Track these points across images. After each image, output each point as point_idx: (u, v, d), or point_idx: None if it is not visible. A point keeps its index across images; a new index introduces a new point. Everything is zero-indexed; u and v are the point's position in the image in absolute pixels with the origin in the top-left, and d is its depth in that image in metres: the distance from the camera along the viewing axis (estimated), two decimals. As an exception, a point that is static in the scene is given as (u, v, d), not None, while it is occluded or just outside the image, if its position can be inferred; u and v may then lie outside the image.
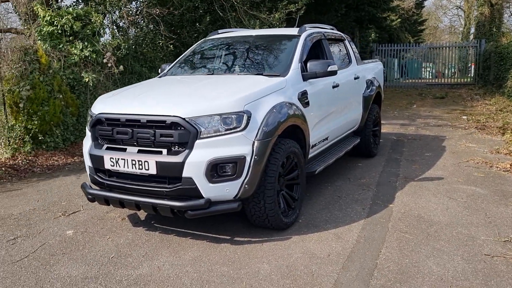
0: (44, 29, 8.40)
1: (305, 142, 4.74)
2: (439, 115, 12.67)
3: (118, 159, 3.95)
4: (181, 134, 3.75)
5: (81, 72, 8.58)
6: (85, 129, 8.85)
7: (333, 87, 5.61)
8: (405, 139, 9.04)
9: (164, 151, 3.82)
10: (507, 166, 6.47)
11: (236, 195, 3.84)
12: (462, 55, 24.05)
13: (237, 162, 3.77)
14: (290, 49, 5.09)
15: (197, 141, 3.74)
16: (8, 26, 13.29)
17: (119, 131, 4.01)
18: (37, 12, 8.56)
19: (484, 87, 19.44)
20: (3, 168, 6.92)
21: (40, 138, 7.74)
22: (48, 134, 7.94)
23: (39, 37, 8.44)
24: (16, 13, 12.26)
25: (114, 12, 9.86)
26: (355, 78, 6.45)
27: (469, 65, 24.48)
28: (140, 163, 3.86)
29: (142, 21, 9.97)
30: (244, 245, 4.02)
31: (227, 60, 5.43)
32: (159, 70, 5.97)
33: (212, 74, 5.17)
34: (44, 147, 7.89)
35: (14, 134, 7.57)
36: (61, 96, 8.05)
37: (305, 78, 4.88)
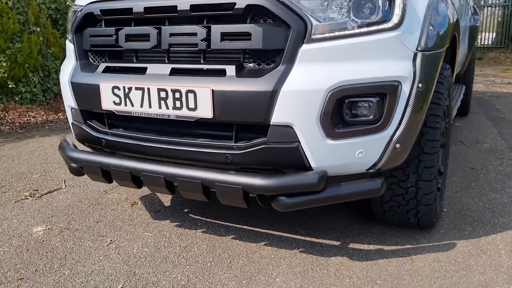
0: None
1: (453, 70, 2.74)
2: (496, 74, 10.73)
3: (130, 88, 1.93)
4: (269, 31, 1.72)
5: (66, 0, 6.42)
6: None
7: (460, -4, 3.56)
8: (485, 96, 7.10)
9: (230, 69, 1.79)
10: None
11: (375, 164, 1.85)
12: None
13: (385, 95, 1.76)
14: None
15: (304, 47, 1.72)
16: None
17: (131, 34, 1.98)
18: None
19: (520, 50, 17.41)
20: (-45, 125, 4.87)
21: (10, 86, 5.64)
22: (22, 82, 5.86)
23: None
24: None
25: None
26: (467, -4, 4.38)
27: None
28: (177, 95, 1.84)
29: None
30: (378, 261, 2.06)
31: None
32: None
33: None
34: (17, 99, 5.81)
35: (-26, 80, 5.48)
36: (38, 29, 5.91)
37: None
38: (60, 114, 5.93)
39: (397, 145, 1.83)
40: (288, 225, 2.42)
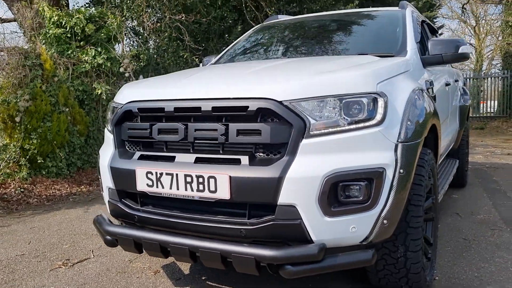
0: (50, 31, 6.96)
1: (437, 153, 3.13)
2: (496, 144, 11.10)
3: (162, 174, 2.34)
4: (275, 129, 2.15)
5: (92, 83, 7.07)
6: (95, 153, 7.29)
7: (446, 84, 4.04)
8: (483, 168, 7.41)
9: (244, 159, 2.20)
10: None
11: (367, 237, 2.19)
12: (474, 92, 21.78)
13: (372, 180, 2.15)
14: (397, 25, 3.53)
15: (304, 142, 2.13)
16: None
17: (162, 129, 2.42)
18: (42, 13, 7.15)
19: (522, 120, 17.95)
20: (-12, 198, 5.30)
21: (39, 161, 6.14)
22: (49, 157, 6.35)
23: (43, 41, 6.98)
24: (20, 27, 10.92)
25: (133, 20, 8.46)
26: (455, 81, 4.88)
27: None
28: (200, 180, 2.23)
29: (164, 29, 8.55)
30: (374, 325, 2.34)
31: (307, 42, 3.86)
32: (201, 64, 4.43)
33: (288, 58, 3.59)
34: (44, 173, 6.28)
35: (8, 155, 5.99)
36: (67, 109, 6.50)
37: (425, 64, 3.31)
38: (83, 186, 6.35)
39: (385, 221, 2.18)
40: (290, 285, 2.72)
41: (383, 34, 3.56)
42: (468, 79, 20.61)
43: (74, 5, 7.80)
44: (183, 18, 8.14)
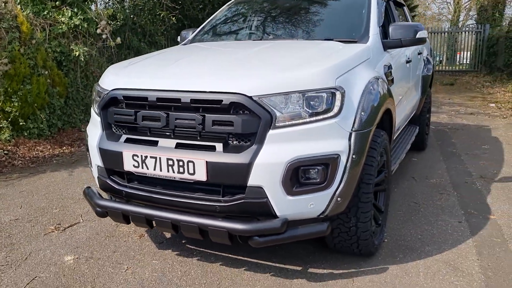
0: (25, -9, 6.93)
1: (391, 132, 3.51)
2: (462, 103, 11.60)
3: (146, 157, 2.65)
4: (246, 121, 2.47)
5: (69, 44, 7.15)
6: (74, 114, 7.49)
7: (406, 62, 4.37)
8: (445, 129, 7.91)
9: (219, 146, 2.54)
10: None
11: (323, 212, 2.59)
12: (451, 43, 22.46)
13: (328, 164, 2.52)
14: (362, 8, 3.80)
15: (271, 132, 2.47)
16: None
17: (146, 116, 2.71)
18: (16, -29, 7.06)
19: (492, 74, 18.43)
20: (-26, 161, 5.52)
21: (21, 123, 6.32)
22: (30, 118, 6.54)
23: (18, 1, 6.95)
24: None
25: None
26: (418, 54, 5.21)
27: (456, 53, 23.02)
28: (181, 164, 2.57)
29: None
30: (328, 282, 2.79)
31: (277, 23, 4.11)
32: (178, 38, 4.64)
33: (260, 39, 3.85)
34: (26, 134, 6.48)
35: (-11, 118, 6.15)
36: (46, 72, 6.62)
37: (385, 47, 3.63)
38: (64, 147, 6.59)
39: (339, 199, 2.58)
40: (264, 254, 3.14)
41: (348, 17, 3.83)
42: (443, 33, 21.05)
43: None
44: (159, -23, 8.12)
